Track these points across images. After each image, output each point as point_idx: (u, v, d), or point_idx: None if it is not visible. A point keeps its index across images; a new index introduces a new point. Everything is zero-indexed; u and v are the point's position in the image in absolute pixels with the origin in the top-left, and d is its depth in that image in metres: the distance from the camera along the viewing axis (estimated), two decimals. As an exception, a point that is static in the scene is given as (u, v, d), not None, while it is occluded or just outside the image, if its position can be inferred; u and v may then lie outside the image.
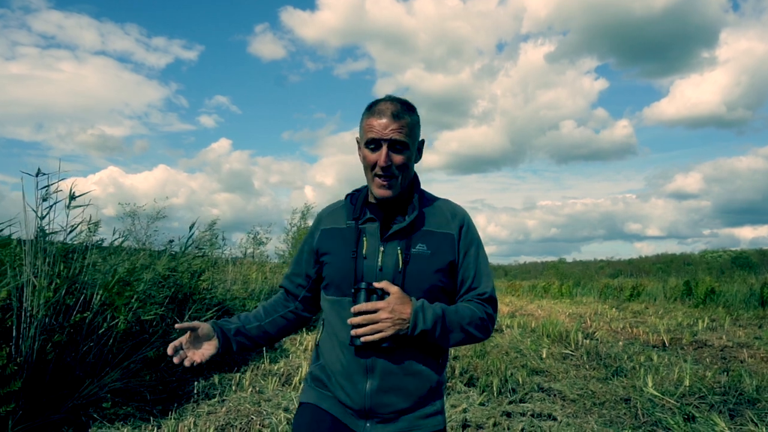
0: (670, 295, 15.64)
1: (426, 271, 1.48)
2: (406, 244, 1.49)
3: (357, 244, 1.51)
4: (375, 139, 1.45)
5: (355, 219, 1.55)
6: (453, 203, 1.65)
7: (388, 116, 1.45)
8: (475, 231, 1.61)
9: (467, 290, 1.55)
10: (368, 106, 1.53)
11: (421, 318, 1.39)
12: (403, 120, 1.46)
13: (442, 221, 1.55)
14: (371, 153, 1.47)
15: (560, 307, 14.76)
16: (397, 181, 1.48)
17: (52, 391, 3.34)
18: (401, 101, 1.52)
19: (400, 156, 1.46)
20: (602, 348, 6.70)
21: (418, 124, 1.53)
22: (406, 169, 1.49)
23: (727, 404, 4.14)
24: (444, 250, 1.51)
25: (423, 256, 1.48)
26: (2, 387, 2.92)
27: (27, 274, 3.26)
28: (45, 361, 3.32)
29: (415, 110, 1.55)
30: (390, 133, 1.44)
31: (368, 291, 1.40)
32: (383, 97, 1.54)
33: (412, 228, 1.51)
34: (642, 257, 38.09)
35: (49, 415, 3.22)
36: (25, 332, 3.17)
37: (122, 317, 3.94)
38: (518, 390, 4.53)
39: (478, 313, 1.50)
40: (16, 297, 3.18)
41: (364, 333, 1.37)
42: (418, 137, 1.54)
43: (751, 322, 10.38)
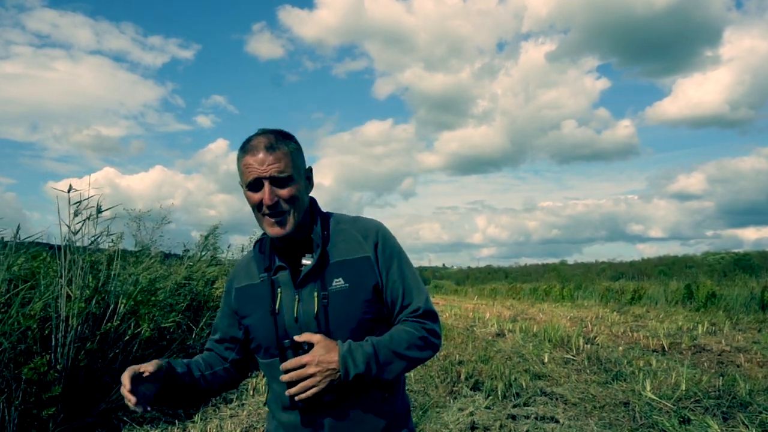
0: (671, 298, 15.95)
1: (350, 308, 1.41)
2: (321, 284, 1.41)
3: (273, 298, 1.43)
4: (255, 179, 1.36)
5: (267, 270, 1.47)
6: (363, 219, 1.55)
7: (262, 151, 1.36)
8: (393, 243, 1.52)
9: (400, 310, 1.47)
10: (241, 145, 1.43)
11: (350, 362, 1.33)
12: (280, 151, 1.37)
13: (354, 245, 1.46)
14: (254, 193, 1.39)
15: (561, 311, 15.06)
16: (289, 216, 1.40)
17: (84, 395, 3.62)
18: (275, 132, 1.43)
19: (285, 189, 1.38)
20: (602, 353, 6.99)
21: (299, 152, 1.45)
22: (296, 201, 1.40)
23: (721, 407, 4.43)
24: (364, 277, 1.43)
25: (342, 292, 1.40)
26: (44, 392, 3.20)
27: (63, 285, 3.53)
28: (78, 367, 3.60)
29: (293, 138, 1.46)
30: (268, 168, 1.35)
31: (294, 348, 1.35)
32: (254, 133, 1.44)
33: (323, 263, 1.43)
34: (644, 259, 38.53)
35: (83, 419, 3.50)
36: (61, 340, 3.45)
37: (145, 325, 4.22)
38: (522, 394, 4.83)
39: (416, 333, 1.43)
40: (53, 308, 3.46)
41: (298, 392, 1.32)
42: (303, 165, 1.45)
43: (750, 326, 10.68)
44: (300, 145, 1.47)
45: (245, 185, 1.40)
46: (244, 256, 1.64)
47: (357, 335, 1.40)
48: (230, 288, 1.58)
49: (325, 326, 1.39)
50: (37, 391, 3.19)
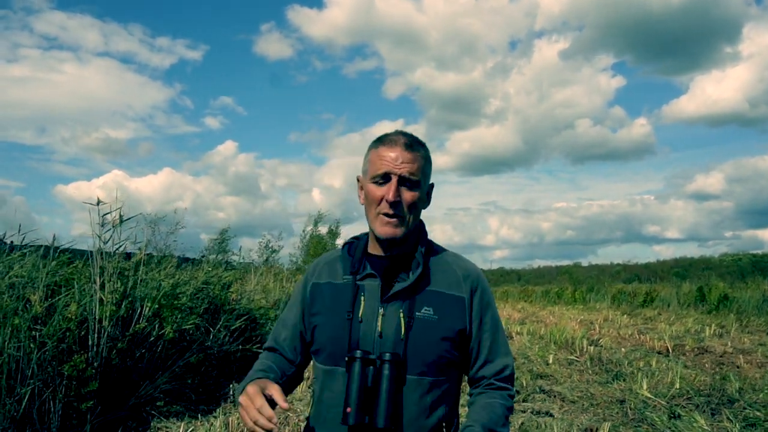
0: (683, 301, 16.21)
1: (432, 340, 1.36)
2: (409, 306, 1.36)
3: (353, 304, 1.38)
4: (385, 173, 1.35)
5: (353, 273, 1.42)
6: (464, 260, 1.52)
7: (400, 147, 1.36)
8: (490, 295, 1.49)
9: (482, 365, 1.43)
10: (377, 138, 1.44)
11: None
12: (417, 153, 1.38)
13: (452, 281, 1.43)
14: (378, 187, 1.36)
15: (572, 313, 15.36)
16: (405, 220, 1.37)
17: (117, 391, 4.05)
18: (413, 135, 1.43)
19: (410, 193, 1.36)
20: (605, 354, 7.34)
21: (430, 162, 1.45)
22: (415, 209, 1.38)
23: (710, 404, 4.78)
24: (453, 315, 1.39)
25: (429, 322, 1.36)
26: (83, 387, 3.63)
27: (96, 290, 3.97)
28: (111, 365, 4.03)
29: (426, 146, 1.46)
30: (402, 166, 1.34)
31: (364, 361, 1.29)
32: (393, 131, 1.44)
33: (417, 287, 1.39)
34: (659, 261, 38.71)
35: (116, 412, 3.94)
36: (96, 341, 3.88)
37: (169, 327, 4.65)
38: (522, 391, 5.21)
39: (506, 404, 1.39)
40: (89, 311, 3.90)
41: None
42: (429, 176, 1.45)
43: (759, 328, 10.95)
44: (431, 157, 1.46)
45: (372, 177, 1.37)
46: (326, 254, 1.59)
47: (430, 370, 1.35)
48: (306, 281, 1.52)
49: (404, 350, 1.34)
50: (77, 386, 3.62)
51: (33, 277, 4.27)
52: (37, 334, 3.54)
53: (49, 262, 4.11)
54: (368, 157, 1.42)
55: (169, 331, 4.61)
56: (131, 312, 4.42)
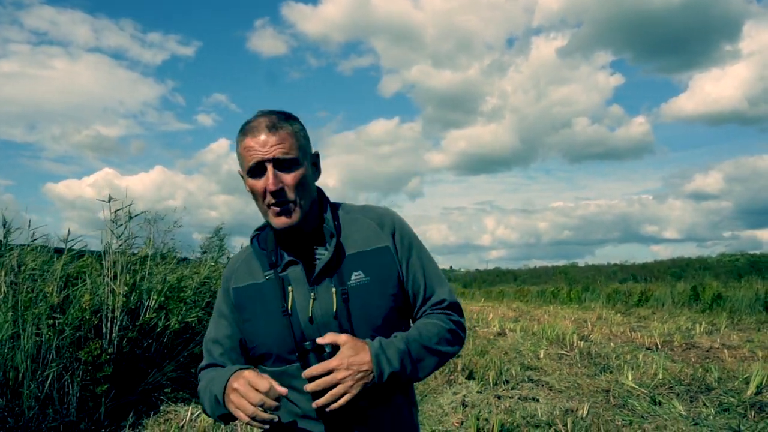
0: (677, 300, 16.62)
1: (373, 303, 1.35)
2: (338, 279, 1.35)
3: (284, 298, 1.35)
4: (257, 163, 1.30)
5: (273, 267, 1.39)
6: (374, 208, 1.51)
7: (263, 131, 1.30)
8: (410, 231, 1.49)
9: (422, 302, 1.45)
10: (240, 129, 1.37)
11: (384, 361, 1.27)
12: (283, 131, 1.32)
13: (370, 235, 1.42)
14: (257, 180, 1.32)
15: (566, 312, 15.76)
16: (295, 204, 1.32)
17: (127, 377, 4.39)
18: (276, 112, 1.37)
19: (291, 174, 1.31)
20: (595, 348, 7.72)
21: (304, 134, 1.39)
22: (303, 189, 1.34)
23: (690, 392, 5.16)
24: (384, 268, 1.39)
25: (364, 287, 1.35)
26: (98, 372, 3.97)
27: (109, 282, 4.31)
28: (122, 353, 4.36)
29: (297, 119, 1.40)
30: (271, 150, 1.29)
31: (316, 351, 1.26)
32: (254, 115, 1.38)
33: (339, 255, 1.37)
34: (656, 261, 39.16)
35: (128, 396, 4.27)
36: (109, 329, 4.22)
37: (174, 319, 4.99)
38: (511, 381, 5.58)
39: (445, 326, 1.40)
40: (103, 301, 4.24)
41: (328, 401, 1.23)
42: (309, 149, 1.39)
43: (750, 326, 11.35)
44: (305, 127, 1.41)
45: (246, 171, 1.34)
46: (238, 254, 1.56)
47: (382, 333, 1.35)
48: (227, 289, 1.47)
49: (348, 325, 1.33)
50: (92, 371, 3.95)
51: (45, 270, 4.61)
52: (56, 322, 3.88)
53: (64, 257, 4.44)
54: (238, 151, 1.36)
55: (174, 322, 4.95)
56: (139, 304, 4.76)
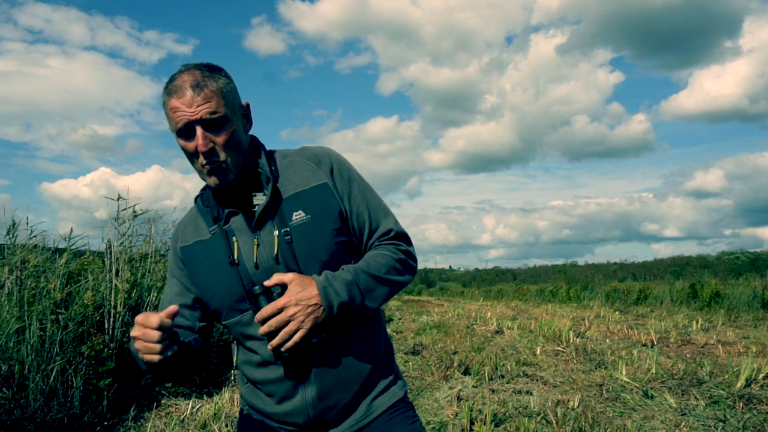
0: (676, 298, 16.80)
1: (317, 240, 1.38)
2: (280, 221, 1.37)
3: (230, 248, 1.39)
4: (185, 124, 1.29)
5: (216, 221, 1.43)
6: (310, 148, 1.53)
7: (188, 90, 1.28)
8: (349, 166, 1.51)
9: (369, 235, 1.47)
10: (164, 86, 1.35)
11: (332, 293, 1.30)
12: (208, 89, 1.30)
13: (308, 174, 1.44)
14: (187, 141, 1.33)
15: (565, 310, 15.92)
16: (229, 162, 1.34)
17: (129, 372, 4.53)
18: (200, 66, 1.35)
19: (221, 134, 1.32)
20: (590, 345, 7.87)
21: (231, 87, 1.37)
22: (234, 145, 1.35)
23: (682, 386, 5.30)
24: (325, 205, 1.41)
25: (305, 225, 1.37)
26: (100, 366, 4.10)
27: (112, 278, 4.44)
28: (123, 348, 4.50)
29: (222, 71, 1.38)
30: (198, 110, 1.28)
31: (265, 294, 1.30)
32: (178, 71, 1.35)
33: (278, 198, 1.40)
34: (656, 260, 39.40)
35: (129, 391, 4.41)
36: (111, 325, 4.36)
37: (174, 315, 5.13)
38: (506, 375, 5.72)
39: (393, 256, 1.43)
40: (106, 297, 4.37)
41: (282, 340, 1.27)
42: (237, 102, 1.39)
43: (747, 323, 11.52)
44: (232, 80, 1.39)
45: (175, 132, 1.33)
46: (184, 216, 1.58)
47: (330, 268, 1.38)
48: (175, 250, 1.52)
49: (294, 265, 1.36)
50: (95, 365, 4.09)
51: (47, 267, 4.75)
52: (60, 318, 4.01)
53: (66, 254, 4.58)
54: (165, 111, 1.34)
55: (174, 318, 5.09)
56: (139, 300, 4.90)
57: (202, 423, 3.99)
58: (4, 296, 3.90)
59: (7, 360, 3.60)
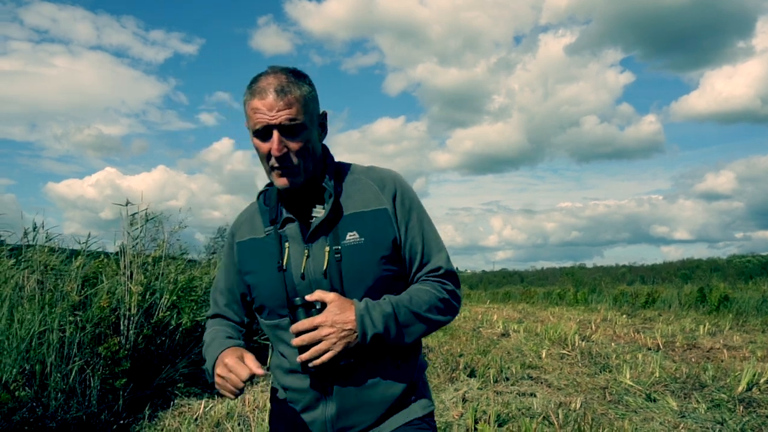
0: (684, 302, 16.89)
1: (365, 264, 1.39)
2: (333, 238, 1.40)
3: (281, 254, 1.43)
4: (264, 127, 1.34)
5: (273, 223, 1.48)
6: (378, 170, 1.54)
7: (271, 94, 1.33)
8: (412, 195, 1.51)
9: (418, 268, 1.47)
10: (248, 84, 1.40)
11: (368, 322, 1.32)
12: (291, 95, 1.34)
13: (370, 196, 1.46)
14: (262, 142, 1.38)
15: (571, 313, 16.04)
16: (299, 168, 1.38)
17: (143, 372, 4.72)
18: (287, 71, 1.39)
19: (296, 141, 1.36)
20: (596, 349, 8.02)
21: (312, 95, 1.42)
22: (307, 152, 1.39)
23: (684, 390, 5.45)
24: (380, 231, 1.42)
25: (357, 247, 1.39)
26: (116, 366, 4.30)
27: (127, 281, 4.64)
28: (138, 349, 4.70)
29: (306, 78, 1.42)
30: (278, 116, 1.33)
31: (305, 307, 1.33)
32: (264, 71, 1.41)
33: (336, 215, 1.43)
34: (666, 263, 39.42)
35: (144, 390, 4.60)
36: (127, 326, 4.55)
37: (186, 317, 5.32)
38: (511, 378, 5.88)
39: (437, 294, 1.43)
40: (121, 300, 4.57)
41: (311, 356, 1.30)
42: (316, 111, 1.43)
43: (755, 327, 11.62)
44: (314, 87, 1.44)
45: (252, 132, 1.38)
46: (244, 210, 1.63)
47: (373, 294, 1.39)
48: (231, 243, 1.58)
49: (339, 284, 1.38)
50: (111, 365, 4.28)
51: (62, 270, 4.95)
52: (78, 319, 4.21)
53: (81, 258, 4.78)
54: (245, 108, 1.40)
55: (186, 320, 5.28)
56: (153, 303, 5.09)
57: (215, 422, 4.17)
58: (25, 298, 4.10)
59: (30, 360, 3.80)
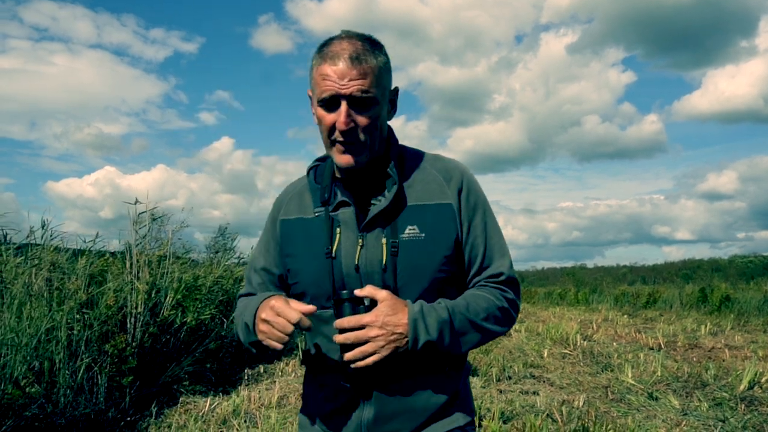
0: (685, 302, 16.96)
1: (423, 262, 1.28)
2: (392, 230, 1.29)
3: (331, 239, 1.31)
4: (332, 96, 1.22)
5: (324, 204, 1.35)
6: (445, 159, 1.43)
7: (345, 61, 1.21)
8: (479, 192, 1.39)
9: (478, 271, 1.35)
10: (318, 47, 1.28)
11: (422, 327, 1.21)
12: (367, 64, 1.23)
13: (435, 188, 1.34)
14: (327, 113, 1.25)
15: (573, 313, 16.10)
16: (365, 146, 1.27)
17: (149, 370, 4.78)
18: (363, 37, 1.28)
19: (365, 115, 1.24)
20: (597, 348, 8.09)
21: (387, 68, 1.30)
22: (374, 130, 1.27)
23: (686, 388, 5.52)
24: (442, 227, 1.31)
25: (416, 243, 1.28)
26: (123, 364, 4.36)
27: (133, 280, 4.70)
28: (144, 347, 4.76)
29: (383, 48, 1.31)
30: (350, 85, 1.21)
31: (352, 302, 1.21)
32: (337, 35, 1.28)
33: (399, 205, 1.31)
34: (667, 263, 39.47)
35: (150, 388, 4.67)
36: (133, 324, 4.61)
37: (191, 315, 5.39)
38: (513, 377, 5.95)
39: (496, 302, 1.31)
40: (128, 298, 4.63)
41: (355, 357, 1.19)
42: (389, 85, 1.32)
43: (756, 328, 11.69)
44: (389, 60, 1.31)
45: (317, 100, 1.26)
46: (292, 185, 1.51)
47: (427, 296, 1.29)
48: (275, 219, 1.46)
49: (392, 281, 1.27)
50: (118, 363, 4.34)
51: (68, 268, 5.01)
52: (85, 317, 4.27)
53: (87, 256, 4.84)
54: (311, 73, 1.28)
55: (191, 319, 5.34)
56: (158, 301, 5.16)
57: (222, 419, 4.24)
58: (34, 296, 4.16)
59: (39, 357, 3.86)
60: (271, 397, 4.74)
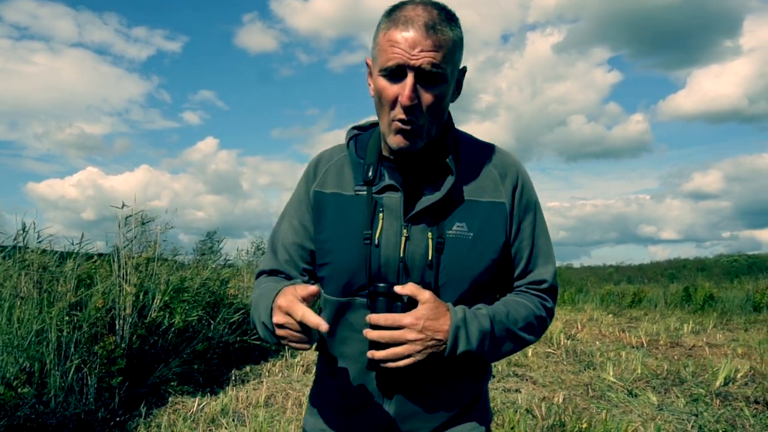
0: (670, 301, 17.30)
1: (468, 264, 1.19)
2: (439, 225, 1.19)
3: (372, 224, 1.20)
4: (398, 65, 1.10)
5: (368, 184, 1.23)
6: (501, 152, 1.31)
7: (419, 29, 1.08)
8: (532, 192, 1.30)
9: (520, 275, 1.29)
10: (388, 10, 1.16)
11: (463, 336, 1.13)
12: (442, 36, 1.10)
13: (489, 183, 1.24)
14: (389, 84, 1.13)
15: (558, 313, 16.34)
16: (423, 129, 1.15)
17: (137, 371, 4.89)
18: (439, 6, 1.14)
19: (431, 93, 1.12)
20: (580, 347, 8.30)
21: (461, 44, 1.17)
22: (438, 111, 1.16)
23: (665, 385, 5.73)
24: (492, 228, 1.22)
25: (463, 241, 1.19)
26: (112, 365, 4.47)
27: (121, 282, 4.81)
28: (132, 348, 4.87)
29: (458, 21, 1.16)
30: (420, 56, 1.08)
31: (389, 297, 1.12)
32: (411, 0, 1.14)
33: (452, 199, 1.21)
34: (653, 262, 39.91)
35: (138, 389, 4.78)
36: (122, 326, 4.73)
37: (178, 317, 5.50)
38: (497, 376, 6.12)
39: (535, 311, 1.25)
40: (117, 300, 4.74)
41: (386, 358, 1.10)
42: (459, 63, 1.19)
43: (738, 326, 12.00)
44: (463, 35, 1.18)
45: (381, 69, 1.13)
46: (328, 153, 1.36)
47: (466, 298, 1.21)
48: (308, 188, 1.32)
49: (434, 279, 1.19)
50: (107, 364, 4.45)
51: (56, 271, 5.11)
52: (74, 319, 4.38)
53: (75, 259, 4.95)
54: (377, 38, 1.16)
55: (178, 320, 5.46)
56: (146, 303, 5.27)
57: (210, 418, 4.36)
58: (24, 298, 4.26)
59: (29, 359, 3.96)
60: (259, 397, 4.87)
